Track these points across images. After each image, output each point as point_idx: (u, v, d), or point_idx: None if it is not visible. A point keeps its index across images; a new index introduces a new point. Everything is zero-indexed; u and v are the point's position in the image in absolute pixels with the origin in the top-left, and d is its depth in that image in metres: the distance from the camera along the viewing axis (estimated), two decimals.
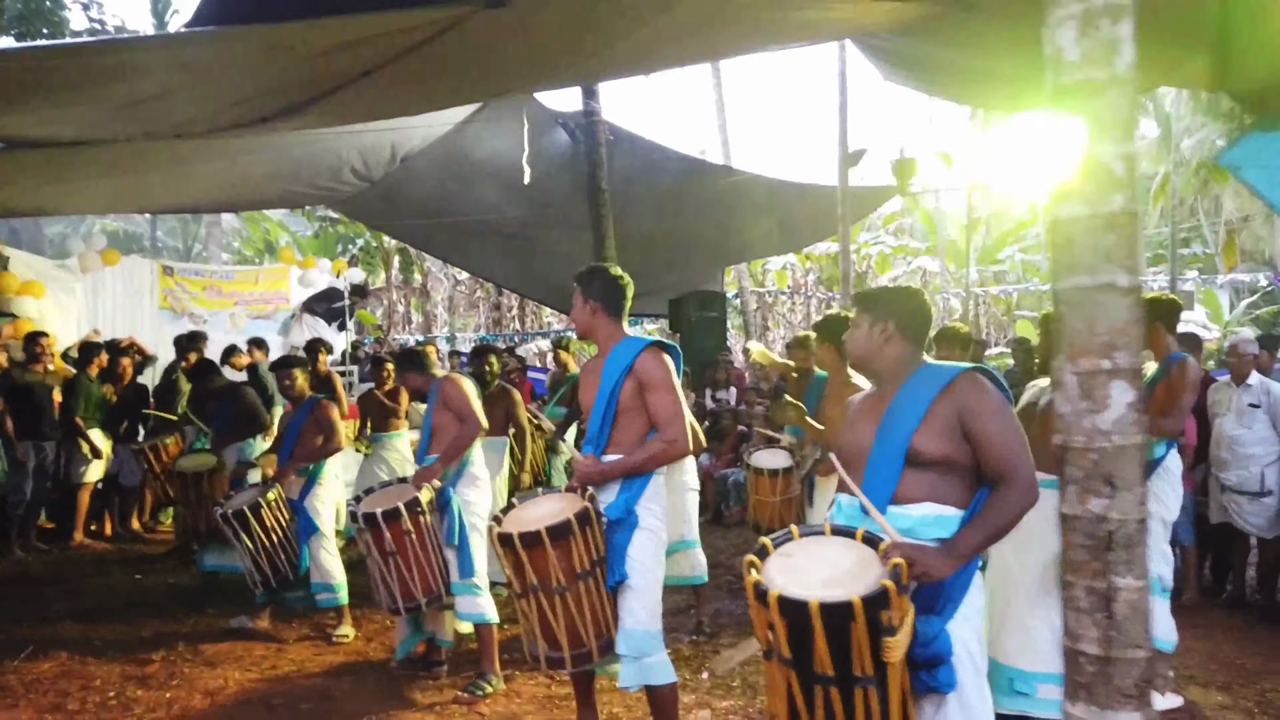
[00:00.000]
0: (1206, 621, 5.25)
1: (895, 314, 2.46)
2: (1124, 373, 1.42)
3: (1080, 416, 1.44)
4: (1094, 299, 1.43)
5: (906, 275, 22.63)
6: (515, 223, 11.35)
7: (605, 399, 3.20)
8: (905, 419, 2.34)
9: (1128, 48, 1.43)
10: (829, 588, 2.08)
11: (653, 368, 3.17)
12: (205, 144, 7.28)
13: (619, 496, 3.16)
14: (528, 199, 10.60)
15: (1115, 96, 1.42)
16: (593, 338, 3.33)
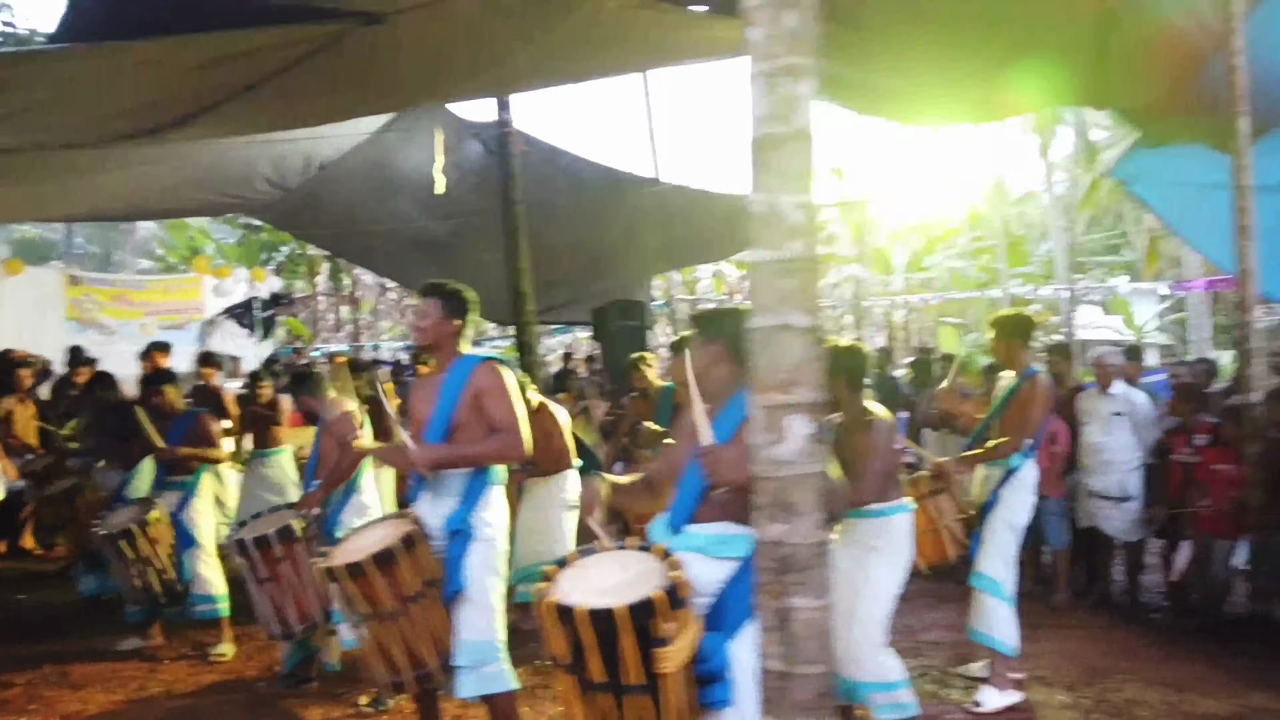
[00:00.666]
0: (1072, 623, 5.45)
1: (724, 335, 2.57)
2: (802, 406, 1.52)
3: (764, 448, 1.53)
4: (775, 338, 1.53)
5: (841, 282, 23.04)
6: (435, 233, 11.36)
7: (444, 414, 3.25)
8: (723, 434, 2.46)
9: (806, 105, 1.53)
10: (603, 596, 2.17)
11: (490, 379, 3.24)
12: (105, 153, 7.19)
13: (457, 508, 3.22)
14: (446, 209, 10.63)
15: (794, 150, 1.53)
16: (437, 353, 3.35)
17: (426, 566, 3.09)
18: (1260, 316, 15.50)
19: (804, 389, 1.54)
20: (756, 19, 1.57)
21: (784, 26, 1.55)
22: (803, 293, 1.54)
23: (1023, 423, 4.28)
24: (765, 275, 1.56)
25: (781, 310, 1.54)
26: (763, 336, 1.56)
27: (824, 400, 1.57)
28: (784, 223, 1.55)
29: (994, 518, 4.22)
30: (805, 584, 1.53)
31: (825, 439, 1.56)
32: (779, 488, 1.54)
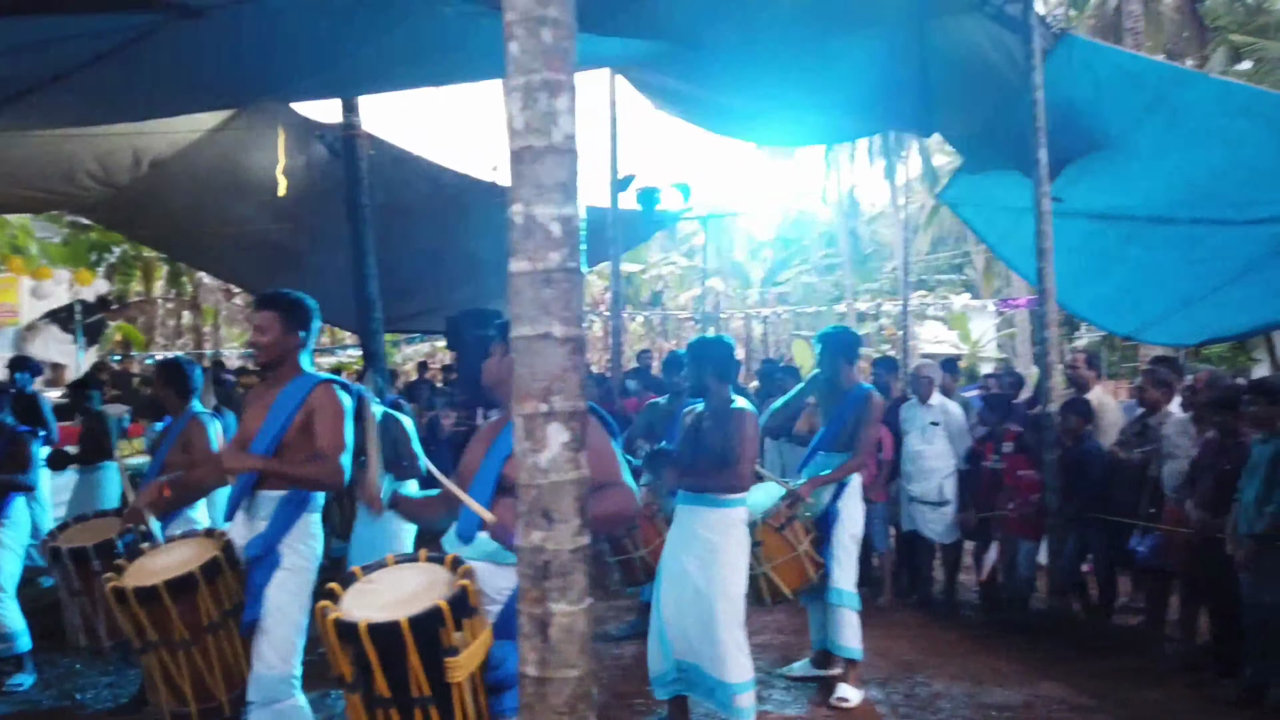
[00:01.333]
0: (893, 622, 5.73)
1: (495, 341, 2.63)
2: (560, 415, 1.54)
3: (525, 455, 1.55)
4: (535, 348, 1.55)
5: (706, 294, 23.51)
6: (279, 236, 10.94)
7: (273, 431, 3.12)
8: (503, 448, 2.48)
9: (565, 120, 1.56)
10: (387, 610, 2.14)
11: (326, 402, 3.12)
12: None
13: (263, 532, 3.08)
14: (291, 212, 10.25)
15: (552, 163, 1.55)
16: (275, 367, 3.18)
17: (232, 594, 2.93)
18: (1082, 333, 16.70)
19: (562, 398, 1.57)
20: (514, 33, 1.59)
21: (542, 42, 1.57)
22: (562, 303, 1.56)
23: (866, 440, 4.51)
24: (525, 285, 1.58)
25: (541, 320, 1.56)
26: (523, 346, 1.58)
27: (580, 410, 1.60)
28: (543, 234, 1.57)
29: (839, 532, 4.42)
30: (564, 589, 1.55)
31: (580, 446, 1.59)
32: (538, 495, 1.56)
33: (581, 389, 1.60)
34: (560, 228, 1.58)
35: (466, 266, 12.81)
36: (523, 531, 1.58)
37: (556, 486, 1.56)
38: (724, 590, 3.59)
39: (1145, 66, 6.47)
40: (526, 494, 1.58)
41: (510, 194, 1.60)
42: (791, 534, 4.15)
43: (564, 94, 1.59)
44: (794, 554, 4.14)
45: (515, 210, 1.59)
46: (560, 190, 1.58)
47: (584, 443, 1.60)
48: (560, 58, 1.59)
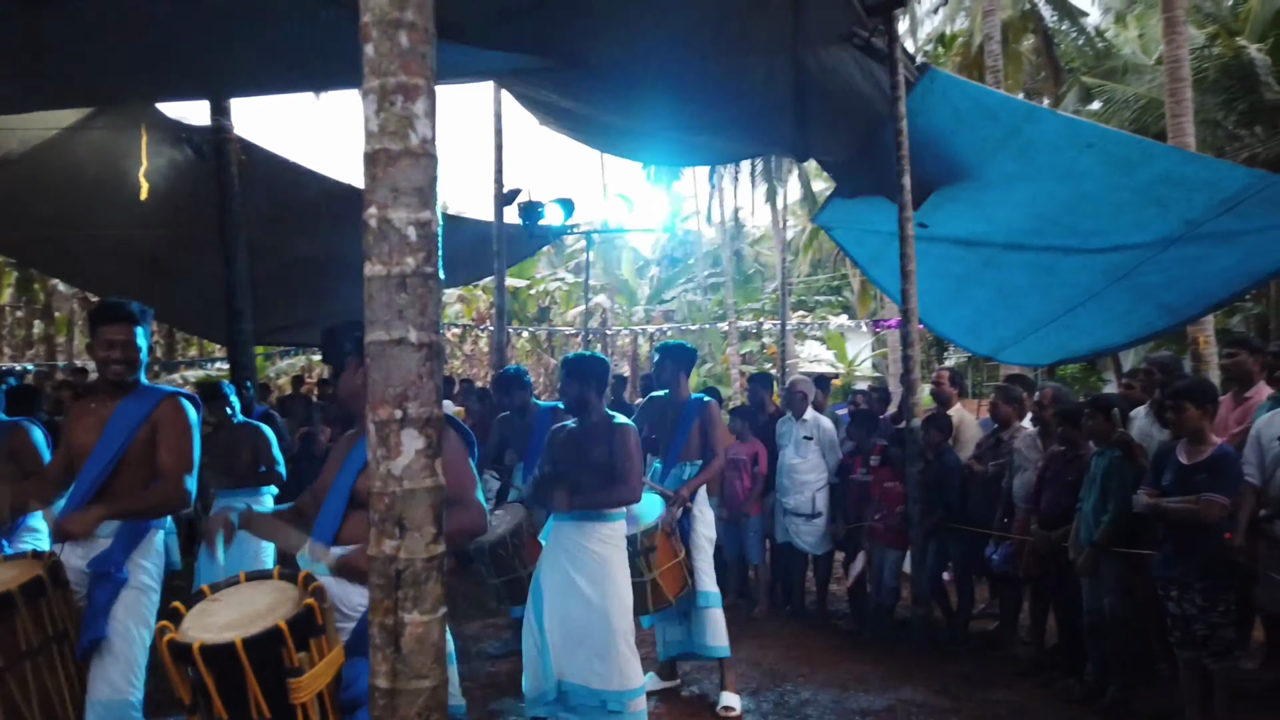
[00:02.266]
0: (767, 632, 5.85)
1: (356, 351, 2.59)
2: (415, 421, 1.53)
3: (379, 463, 1.52)
4: (389, 353, 1.53)
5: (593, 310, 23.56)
6: (143, 241, 10.39)
7: (113, 448, 2.96)
8: (356, 462, 2.44)
9: (422, 124, 1.55)
10: (226, 630, 2.06)
11: (175, 417, 3.02)
12: None
13: (108, 549, 2.93)
14: (157, 217, 9.75)
15: (408, 167, 1.54)
16: (122, 368, 3.04)
17: (57, 618, 2.74)
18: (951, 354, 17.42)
19: (418, 404, 1.55)
20: (370, 35, 1.57)
21: (398, 45, 1.56)
22: (418, 308, 1.55)
23: (719, 441, 4.61)
24: (379, 290, 1.56)
25: (395, 325, 1.54)
26: (376, 351, 1.56)
27: (436, 417, 1.58)
28: (398, 238, 1.55)
29: (696, 536, 4.49)
30: (417, 598, 1.52)
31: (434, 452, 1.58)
32: (391, 503, 1.54)
33: (437, 396, 1.58)
34: (416, 232, 1.57)
35: (343, 278, 12.39)
36: (375, 540, 1.55)
37: (410, 494, 1.54)
38: (619, 602, 3.62)
39: (999, 102, 6.87)
40: (379, 502, 1.55)
41: (364, 197, 1.58)
42: (675, 541, 4.23)
43: (421, 98, 1.58)
44: (676, 560, 4.22)
45: (370, 214, 1.57)
46: (417, 195, 1.57)
47: (439, 450, 1.58)
48: (417, 61, 1.58)
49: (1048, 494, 4.70)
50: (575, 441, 3.80)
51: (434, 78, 1.64)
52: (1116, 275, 7.65)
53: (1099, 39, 21.63)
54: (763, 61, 7.02)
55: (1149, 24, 19.97)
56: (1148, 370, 4.86)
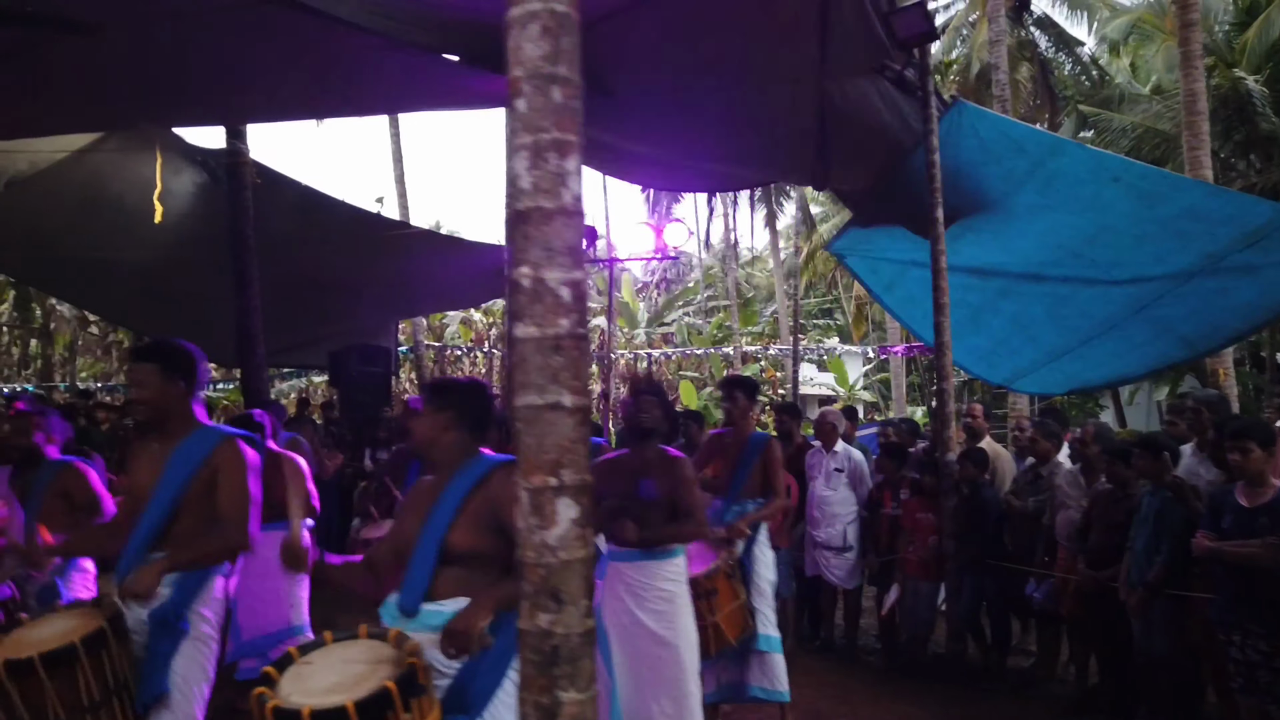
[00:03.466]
0: (797, 669, 5.74)
1: (455, 405, 2.52)
2: (570, 490, 1.47)
3: (532, 532, 1.46)
4: (543, 417, 1.47)
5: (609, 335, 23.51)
6: (151, 263, 10.28)
7: (171, 492, 2.87)
8: (444, 514, 2.37)
9: (574, 180, 1.50)
10: (330, 694, 1.99)
11: (233, 458, 2.92)
12: None
13: (169, 599, 2.83)
14: (164, 239, 9.66)
15: (561, 225, 1.49)
16: (162, 423, 2.95)
17: (117, 670, 2.64)
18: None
19: (572, 471, 1.49)
20: (521, 90, 1.52)
21: (551, 100, 1.51)
22: (571, 371, 1.50)
23: (780, 483, 4.58)
24: (532, 352, 1.50)
25: (550, 389, 1.49)
26: (529, 415, 1.50)
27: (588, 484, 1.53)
28: (552, 299, 1.50)
29: (756, 578, 4.43)
30: (573, 675, 1.46)
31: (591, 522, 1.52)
32: (546, 575, 1.47)
33: (588, 461, 1.52)
34: (570, 293, 1.51)
35: (347, 299, 12.40)
36: (528, 613, 1.49)
37: (566, 565, 1.48)
38: (688, 639, 3.54)
39: (1026, 134, 6.90)
40: (533, 574, 1.49)
41: (514, 256, 1.52)
42: (736, 582, 4.16)
43: (573, 154, 1.53)
44: (738, 602, 4.14)
45: (522, 273, 1.51)
46: (570, 254, 1.52)
47: (590, 518, 1.52)
48: (570, 117, 1.54)
49: (1095, 533, 4.66)
50: (626, 473, 3.65)
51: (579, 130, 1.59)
52: (1136, 307, 7.67)
53: (1094, 67, 21.89)
54: (787, 91, 7.02)
55: (1145, 54, 20.22)
56: (1195, 409, 4.83)
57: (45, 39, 4.23)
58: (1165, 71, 18.49)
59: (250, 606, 4.76)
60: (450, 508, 2.36)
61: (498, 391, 21.06)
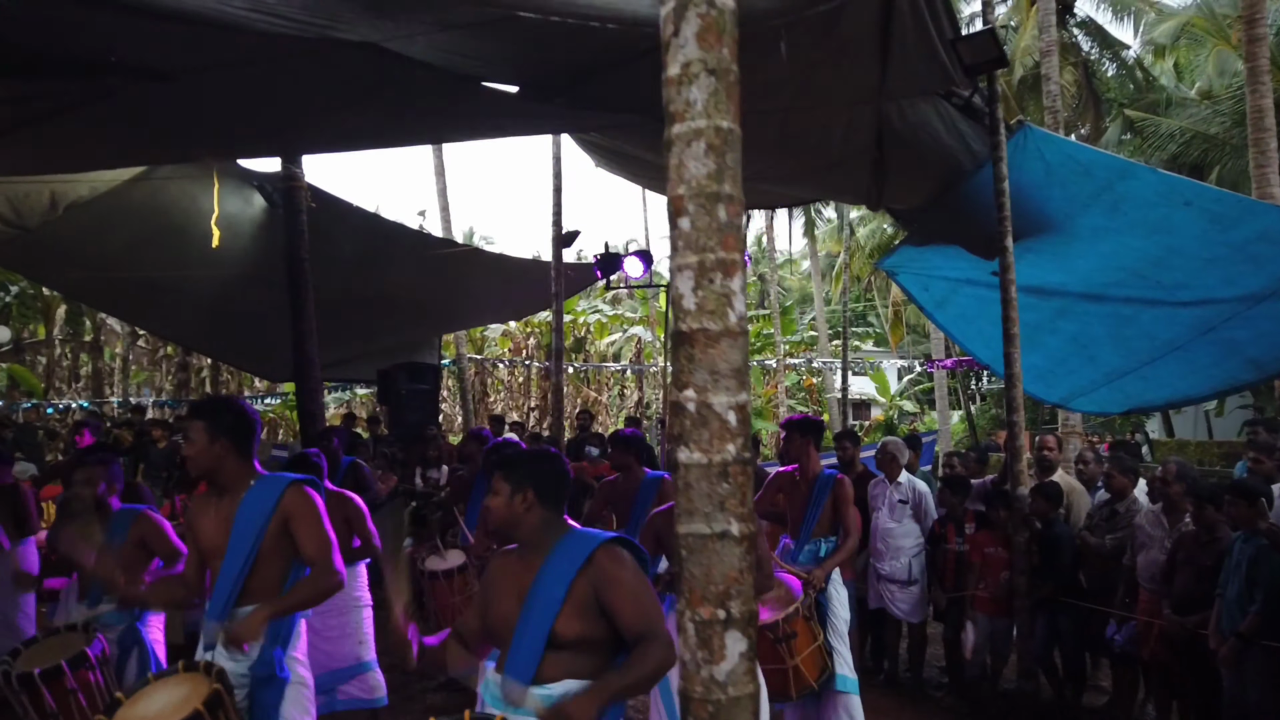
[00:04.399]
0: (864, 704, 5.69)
1: (533, 481, 2.46)
2: (738, 622, 1.44)
3: (699, 666, 1.43)
4: (709, 546, 1.44)
5: (624, 341, 23.51)
6: (205, 282, 10.43)
7: (247, 546, 2.88)
8: (548, 601, 2.33)
9: (739, 301, 1.47)
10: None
11: (303, 504, 2.95)
12: None
13: (267, 650, 2.86)
14: (220, 259, 9.77)
15: (728, 348, 1.46)
16: (216, 478, 2.99)
17: None
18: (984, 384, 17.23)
19: (739, 603, 1.45)
20: (685, 209, 1.49)
21: (716, 219, 1.48)
22: (739, 499, 1.46)
23: (853, 521, 4.55)
24: (698, 479, 1.47)
25: (717, 517, 1.46)
26: (694, 544, 1.47)
27: (754, 614, 1.49)
28: (718, 424, 1.47)
29: (834, 618, 4.39)
30: None
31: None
32: (714, 712, 1.44)
33: (753, 590, 1.49)
34: (736, 417, 1.48)
35: (392, 315, 12.51)
36: None
37: (735, 702, 1.44)
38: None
39: (1094, 158, 6.78)
40: (700, 710, 1.45)
41: (678, 377, 1.49)
42: (814, 624, 4.12)
43: (738, 274, 1.50)
44: (816, 644, 4.09)
45: (687, 397, 1.48)
46: (735, 377, 1.49)
47: (754, 651, 1.48)
48: (735, 235, 1.50)
49: (1181, 577, 4.54)
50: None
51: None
52: (1203, 329, 7.52)
53: (1138, 70, 21.52)
54: (844, 113, 6.95)
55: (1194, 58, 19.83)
56: None
57: (123, 85, 4.27)
58: (1216, 76, 18.12)
59: (319, 644, 4.78)
60: (555, 595, 2.31)
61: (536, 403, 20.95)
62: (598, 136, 8.12)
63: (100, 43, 4.00)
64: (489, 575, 2.62)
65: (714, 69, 1.51)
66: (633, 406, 23.07)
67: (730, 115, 1.53)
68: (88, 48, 3.99)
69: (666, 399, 15.42)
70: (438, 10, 4.03)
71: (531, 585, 2.40)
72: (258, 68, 4.53)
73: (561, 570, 2.35)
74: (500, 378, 20.87)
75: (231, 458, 2.96)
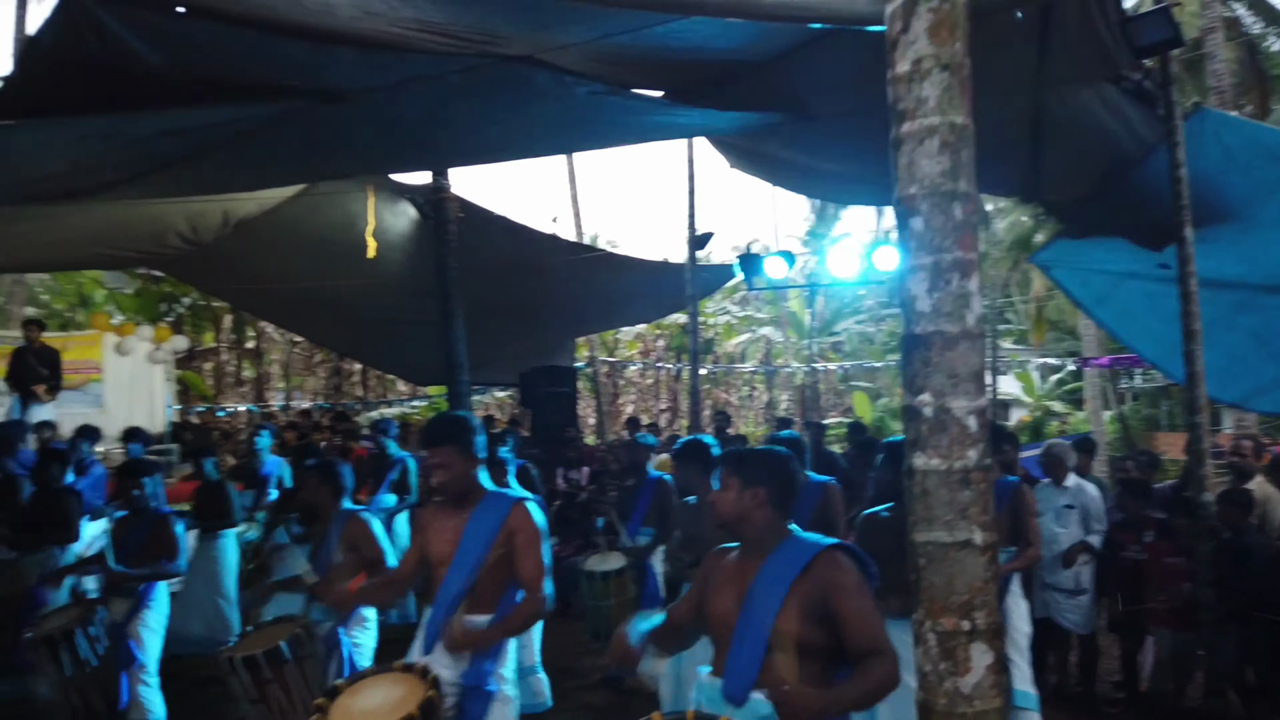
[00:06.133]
0: None
1: (766, 480, 2.44)
2: (984, 634, 1.39)
3: (941, 678, 1.39)
4: (950, 556, 1.40)
5: (751, 342, 23.33)
6: (359, 291, 10.96)
7: (474, 557, 3.01)
8: (769, 602, 2.31)
9: (976, 301, 1.43)
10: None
11: (528, 525, 3.04)
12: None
13: (478, 663, 2.97)
14: (372, 269, 10.25)
15: (966, 351, 1.42)
16: (453, 488, 3.11)
17: None
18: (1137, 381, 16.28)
19: (984, 614, 1.41)
20: (917, 208, 1.45)
21: (952, 218, 1.44)
22: (980, 506, 1.42)
23: (1035, 531, 4.38)
24: (937, 485, 1.43)
25: (958, 525, 1.41)
26: (935, 553, 1.43)
27: (1000, 627, 1.44)
28: (958, 429, 1.42)
29: (1012, 631, 4.23)
30: None
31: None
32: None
33: (998, 600, 1.44)
34: (976, 421, 1.44)
35: (529, 319, 12.82)
36: None
37: (981, 717, 1.40)
38: None
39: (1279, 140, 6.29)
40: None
41: (912, 381, 1.46)
42: None
43: (974, 274, 1.46)
44: None
45: (923, 401, 1.45)
46: (974, 380, 1.44)
47: (1001, 664, 1.43)
48: (971, 234, 1.46)
49: None
50: (893, 532, 3.50)
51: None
52: None
53: None
54: (999, 103, 6.68)
55: None
56: None
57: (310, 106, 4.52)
58: None
59: None
60: (776, 595, 2.29)
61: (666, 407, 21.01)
62: (736, 137, 8.10)
63: (282, 69, 4.25)
64: (704, 573, 2.61)
65: (947, 64, 1.47)
66: (762, 408, 22.88)
67: (964, 111, 1.49)
68: (272, 74, 4.25)
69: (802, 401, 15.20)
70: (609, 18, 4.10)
71: (750, 586, 2.38)
72: (421, 85, 4.72)
73: (782, 572, 2.32)
74: (631, 380, 21.08)
75: (472, 473, 3.10)
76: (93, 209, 7.72)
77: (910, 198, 1.46)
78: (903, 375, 1.49)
